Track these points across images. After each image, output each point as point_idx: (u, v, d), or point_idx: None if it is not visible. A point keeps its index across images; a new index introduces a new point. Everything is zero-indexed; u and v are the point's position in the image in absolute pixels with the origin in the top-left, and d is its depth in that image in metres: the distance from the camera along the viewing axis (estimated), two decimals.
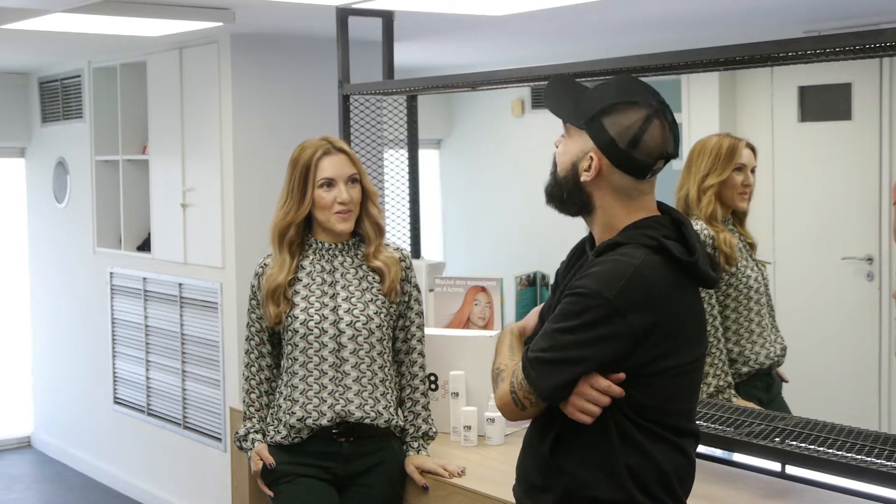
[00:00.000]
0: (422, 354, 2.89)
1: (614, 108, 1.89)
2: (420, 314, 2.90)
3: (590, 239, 2.01)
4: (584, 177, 1.92)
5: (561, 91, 2.00)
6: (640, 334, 1.83)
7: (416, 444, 2.84)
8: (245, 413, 2.86)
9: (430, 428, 2.87)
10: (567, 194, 1.96)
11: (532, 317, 2.12)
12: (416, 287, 2.89)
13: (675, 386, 1.90)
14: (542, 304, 2.12)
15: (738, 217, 3.34)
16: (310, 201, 2.76)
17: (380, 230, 2.84)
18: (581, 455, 1.91)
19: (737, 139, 3.29)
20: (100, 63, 5.80)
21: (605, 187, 1.92)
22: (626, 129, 1.88)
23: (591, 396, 1.86)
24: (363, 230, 2.82)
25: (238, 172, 4.82)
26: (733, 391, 3.18)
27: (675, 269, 1.87)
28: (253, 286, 2.86)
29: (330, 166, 2.76)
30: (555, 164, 1.99)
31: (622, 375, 1.85)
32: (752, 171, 3.30)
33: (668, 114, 1.91)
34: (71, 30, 4.31)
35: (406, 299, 2.85)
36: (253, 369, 2.87)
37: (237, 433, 2.86)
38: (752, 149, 3.32)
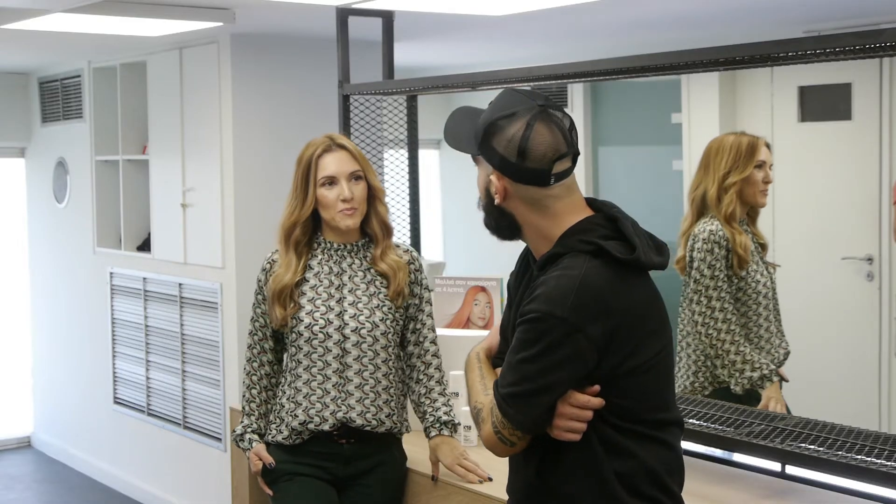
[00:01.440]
0: (436, 356, 2.86)
1: (496, 127, 1.88)
2: (430, 315, 2.86)
3: (530, 251, 1.99)
4: (497, 199, 1.91)
5: (458, 125, 1.99)
6: (602, 344, 1.80)
7: (437, 427, 2.77)
8: (244, 408, 2.85)
9: (452, 419, 2.80)
10: (495, 221, 1.96)
11: (494, 335, 2.09)
12: (427, 288, 2.85)
13: (647, 381, 1.87)
14: (500, 321, 2.09)
15: (751, 217, 3.35)
16: (312, 200, 2.73)
17: (388, 230, 2.80)
18: (567, 471, 1.89)
19: (755, 137, 3.31)
20: (100, 63, 5.80)
21: (520, 205, 1.90)
22: (509, 142, 1.86)
23: (573, 414, 1.84)
24: (371, 230, 2.78)
25: (238, 172, 4.82)
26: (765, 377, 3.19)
27: (620, 268, 1.84)
28: (259, 280, 2.84)
29: (330, 164, 2.72)
30: (478, 197, 1.99)
31: (596, 388, 1.83)
32: (770, 167, 3.32)
33: (552, 114, 1.87)
34: (71, 30, 4.30)
35: (417, 302, 2.81)
36: (255, 364, 2.86)
37: (234, 431, 2.86)
38: (769, 147, 3.34)
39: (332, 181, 2.72)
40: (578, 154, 1.91)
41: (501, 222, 1.95)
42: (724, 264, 3.21)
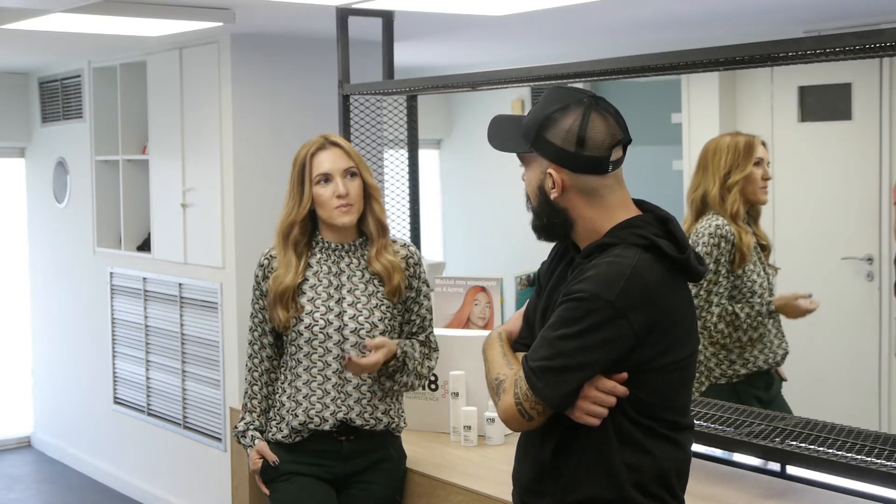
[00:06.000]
0: (435, 349, 2.85)
1: (550, 120, 1.92)
2: (430, 310, 2.85)
3: (573, 242, 2.01)
4: (553, 195, 1.93)
5: (502, 129, 2.03)
6: (642, 334, 1.84)
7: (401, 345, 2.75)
8: (246, 405, 2.85)
9: (413, 358, 2.77)
10: (547, 219, 1.97)
11: (516, 320, 2.12)
12: (425, 282, 2.84)
13: (671, 381, 1.91)
14: (524, 307, 2.12)
15: (753, 217, 3.36)
16: (308, 199, 2.73)
17: (383, 229, 2.80)
18: (580, 457, 1.92)
19: (751, 136, 3.34)
20: (100, 63, 5.80)
21: (576, 197, 1.93)
22: (567, 132, 1.90)
23: (598, 398, 1.87)
24: (367, 229, 2.78)
25: (238, 172, 4.82)
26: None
27: (667, 267, 1.89)
28: (257, 276, 2.83)
29: (324, 161, 2.73)
30: (527, 198, 2.01)
31: (624, 375, 1.86)
32: (768, 164, 3.34)
33: (603, 104, 1.93)
34: (71, 30, 4.30)
35: (413, 295, 2.81)
36: (255, 360, 2.85)
37: (236, 427, 2.86)
38: (765, 144, 3.36)
39: (326, 178, 2.72)
40: (630, 142, 1.94)
41: (553, 220, 1.96)
42: (727, 259, 3.22)
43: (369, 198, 2.78)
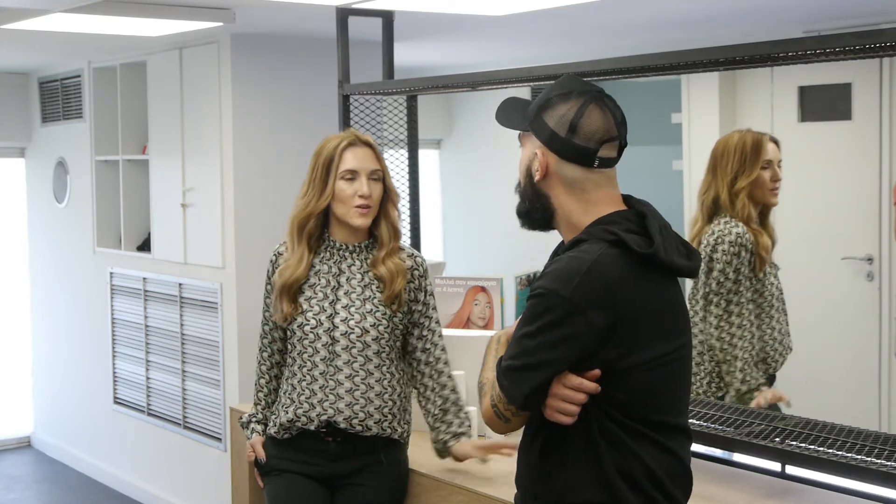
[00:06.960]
0: (447, 363, 2.83)
1: (551, 103, 1.92)
2: (438, 322, 2.83)
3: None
4: (537, 177, 1.93)
5: (511, 108, 2.03)
6: (604, 330, 1.81)
7: (454, 438, 2.76)
8: (254, 398, 2.90)
9: (466, 431, 2.78)
10: (529, 202, 1.97)
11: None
12: (432, 294, 2.82)
13: (652, 380, 1.87)
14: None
15: (763, 213, 3.32)
16: (330, 192, 2.71)
17: (396, 234, 2.78)
18: (569, 459, 1.89)
19: (759, 134, 3.24)
20: (100, 63, 5.80)
21: (558, 184, 1.92)
22: (562, 117, 1.90)
23: (566, 395, 1.84)
24: (379, 232, 2.76)
25: (238, 172, 4.82)
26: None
27: (637, 262, 1.85)
28: (268, 272, 2.84)
29: (353, 158, 2.71)
30: (518, 180, 2.00)
31: (596, 372, 1.83)
32: (779, 164, 3.28)
33: (607, 100, 1.92)
34: (71, 30, 4.31)
35: (421, 308, 2.78)
36: (265, 354, 2.87)
37: (241, 418, 2.91)
38: (776, 142, 3.29)
39: (352, 175, 2.71)
40: (626, 145, 1.93)
41: (535, 204, 1.96)
42: (747, 268, 3.18)
43: (387, 202, 2.77)
